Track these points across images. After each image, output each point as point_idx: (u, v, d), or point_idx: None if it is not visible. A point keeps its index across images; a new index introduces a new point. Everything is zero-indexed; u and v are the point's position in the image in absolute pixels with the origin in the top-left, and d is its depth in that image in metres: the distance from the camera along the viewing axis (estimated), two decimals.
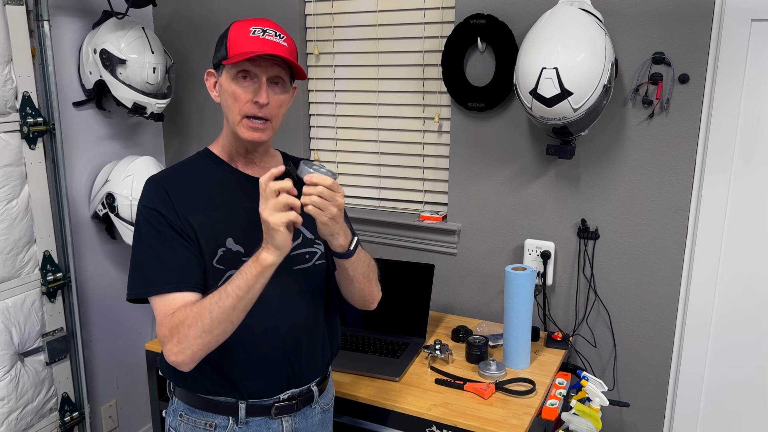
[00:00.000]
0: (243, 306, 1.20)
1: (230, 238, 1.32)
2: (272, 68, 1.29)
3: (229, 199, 1.36)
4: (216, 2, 2.56)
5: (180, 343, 1.21)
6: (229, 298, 1.19)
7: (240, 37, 1.28)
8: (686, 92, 1.87)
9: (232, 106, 1.31)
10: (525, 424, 1.60)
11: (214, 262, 1.30)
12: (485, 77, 2.11)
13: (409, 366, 1.90)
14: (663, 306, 2.01)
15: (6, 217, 2.09)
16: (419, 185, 2.38)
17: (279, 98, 1.32)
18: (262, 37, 1.28)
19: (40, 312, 2.24)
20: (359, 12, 2.34)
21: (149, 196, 1.32)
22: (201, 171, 1.38)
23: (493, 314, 2.27)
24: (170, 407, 1.46)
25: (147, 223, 1.29)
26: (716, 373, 1.99)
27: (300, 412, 1.43)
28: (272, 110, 1.31)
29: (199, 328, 1.19)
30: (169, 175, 1.37)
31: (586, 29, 1.74)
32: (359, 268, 1.39)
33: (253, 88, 1.29)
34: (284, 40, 1.30)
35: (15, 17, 2.07)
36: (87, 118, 2.46)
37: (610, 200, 2.02)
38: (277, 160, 1.47)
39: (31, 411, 2.22)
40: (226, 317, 1.19)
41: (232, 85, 1.29)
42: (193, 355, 1.22)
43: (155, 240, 1.28)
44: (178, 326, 1.21)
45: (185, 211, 1.30)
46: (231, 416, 1.37)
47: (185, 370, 1.26)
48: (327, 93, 2.47)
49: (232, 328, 1.22)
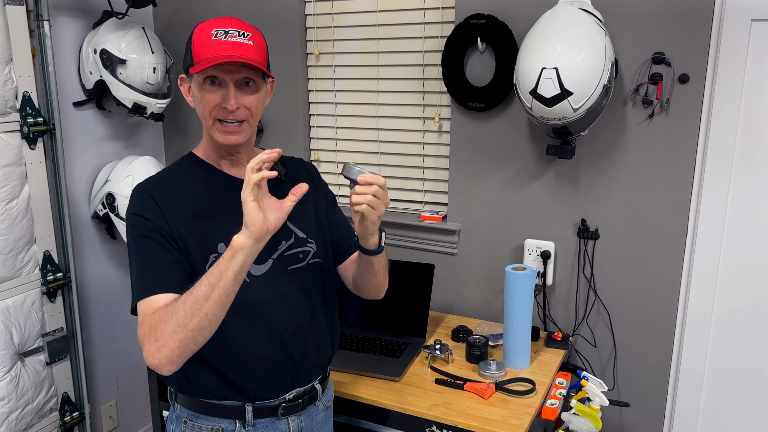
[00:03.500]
0: (217, 296, 1.14)
1: (221, 243, 1.31)
2: (239, 71, 1.26)
3: (218, 203, 1.34)
4: (216, 2, 2.56)
5: (157, 341, 1.17)
6: (201, 285, 1.15)
7: (202, 42, 1.26)
8: (686, 92, 1.87)
9: (203, 112, 1.30)
10: (525, 424, 1.60)
11: (206, 268, 1.27)
12: (485, 77, 2.11)
13: (409, 366, 1.90)
14: (663, 306, 2.01)
15: (6, 217, 2.09)
16: (419, 185, 2.38)
17: (250, 99, 1.29)
18: (224, 39, 1.24)
19: (40, 312, 2.24)
20: (359, 12, 2.34)
21: (137, 204, 1.30)
22: (188, 176, 1.37)
23: (493, 314, 2.27)
24: (172, 414, 1.43)
25: (134, 230, 1.28)
26: (716, 373, 1.99)
27: (305, 411, 1.44)
28: (244, 112, 1.29)
29: (174, 322, 1.15)
30: (156, 182, 1.35)
31: (586, 29, 1.74)
32: (383, 261, 1.41)
33: (222, 93, 1.27)
34: (249, 39, 1.27)
35: (15, 17, 2.07)
36: (87, 118, 2.46)
37: (610, 200, 2.02)
38: None
39: (31, 411, 2.22)
40: (199, 308, 1.14)
41: (201, 92, 1.28)
42: (170, 355, 1.17)
43: (141, 246, 1.27)
44: (156, 324, 1.17)
45: (174, 218, 1.28)
46: (238, 419, 1.36)
47: (165, 372, 1.21)
48: (327, 93, 2.47)
49: (208, 324, 1.16)
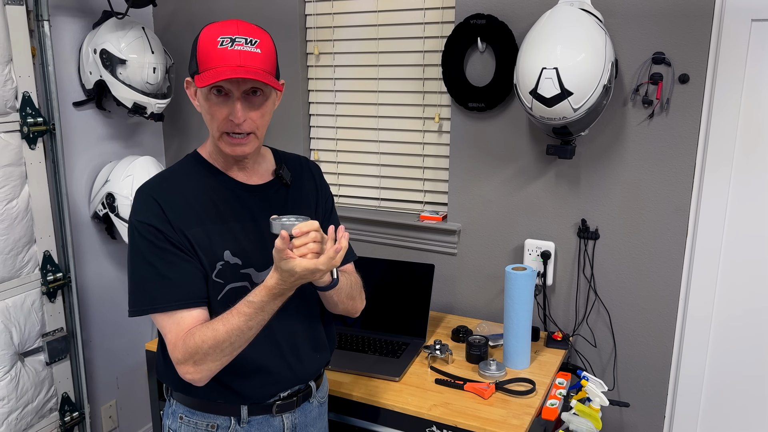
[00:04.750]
0: (261, 329, 1.24)
1: (227, 251, 1.30)
2: (245, 82, 1.22)
3: (224, 209, 1.32)
4: (216, 2, 2.56)
5: (196, 365, 1.22)
6: (252, 330, 1.21)
7: (208, 49, 1.21)
8: (686, 92, 1.87)
9: (210, 123, 1.27)
10: (525, 424, 1.60)
11: (213, 276, 1.29)
12: (485, 77, 2.11)
13: (409, 366, 1.90)
14: (663, 306, 2.01)
15: (6, 217, 2.09)
16: (419, 185, 2.38)
17: (258, 111, 1.26)
18: (230, 48, 1.20)
19: (40, 312, 2.23)
20: (359, 12, 2.33)
21: (142, 210, 1.27)
22: (193, 180, 1.34)
23: (493, 314, 2.27)
24: (168, 409, 1.45)
25: (144, 239, 1.25)
26: (716, 373, 1.99)
27: (299, 408, 1.44)
28: (251, 124, 1.26)
29: (218, 354, 1.22)
30: (160, 184, 1.32)
31: (586, 29, 1.74)
32: (344, 291, 1.38)
33: (228, 106, 1.23)
34: (257, 46, 1.22)
35: (15, 17, 2.07)
36: (87, 118, 2.46)
37: (610, 200, 2.02)
38: (269, 160, 1.44)
39: (31, 411, 2.22)
40: (245, 342, 1.23)
41: (206, 102, 1.24)
42: (210, 374, 1.25)
43: (155, 256, 1.25)
44: (195, 351, 1.21)
45: (180, 225, 1.27)
46: (233, 416, 1.37)
47: (200, 385, 1.27)
48: (327, 93, 2.47)
49: (247, 345, 1.26)
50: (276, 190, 1.40)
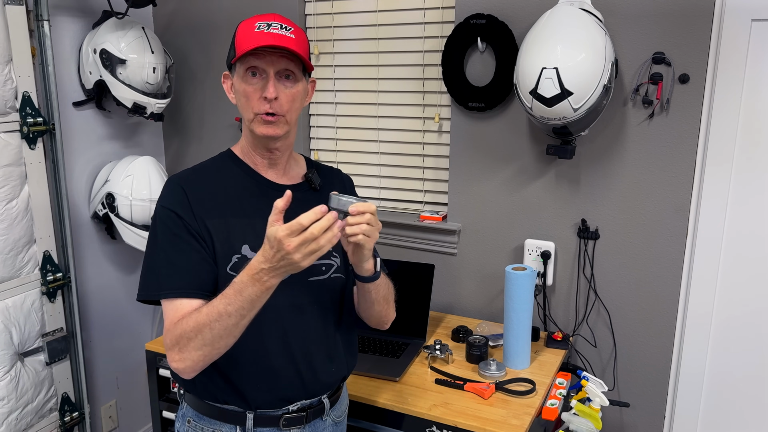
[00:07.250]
0: (245, 322, 1.19)
1: (246, 245, 1.30)
2: (279, 61, 1.27)
3: (248, 204, 1.34)
4: (216, 2, 2.56)
5: (181, 352, 1.21)
6: (231, 317, 1.17)
7: (246, 34, 1.27)
8: (686, 92, 1.87)
9: (245, 105, 1.30)
10: (525, 424, 1.60)
11: (227, 269, 1.28)
12: (485, 77, 2.11)
13: (409, 366, 1.90)
14: (663, 306, 2.01)
15: (6, 217, 2.09)
16: (419, 185, 2.38)
17: (290, 92, 1.29)
18: (266, 31, 1.26)
19: (40, 312, 2.24)
20: (359, 12, 2.34)
21: (168, 196, 1.30)
22: (222, 173, 1.36)
23: (493, 314, 2.27)
24: (179, 411, 1.45)
25: (163, 224, 1.28)
26: (717, 373, 1.99)
27: (310, 424, 1.39)
28: (283, 105, 1.29)
29: (199, 341, 1.19)
30: (190, 175, 1.35)
31: (586, 29, 1.74)
32: (381, 291, 1.38)
33: (262, 84, 1.27)
34: (291, 32, 1.28)
35: (15, 17, 2.07)
36: (87, 118, 2.46)
37: (610, 200, 2.02)
38: (301, 165, 1.46)
39: (31, 411, 2.22)
40: (228, 333, 1.19)
41: (242, 84, 1.29)
42: (194, 365, 1.22)
43: (169, 243, 1.27)
44: (180, 336, 1.21)
45: (202, 214, 1.28)
46: (238, 425, 1.35)
47: (187, 377, 1.26)
48: (327, 93, 2.47)
49: (234, 340, 1.21)
50: (304, 192, 1.40)
